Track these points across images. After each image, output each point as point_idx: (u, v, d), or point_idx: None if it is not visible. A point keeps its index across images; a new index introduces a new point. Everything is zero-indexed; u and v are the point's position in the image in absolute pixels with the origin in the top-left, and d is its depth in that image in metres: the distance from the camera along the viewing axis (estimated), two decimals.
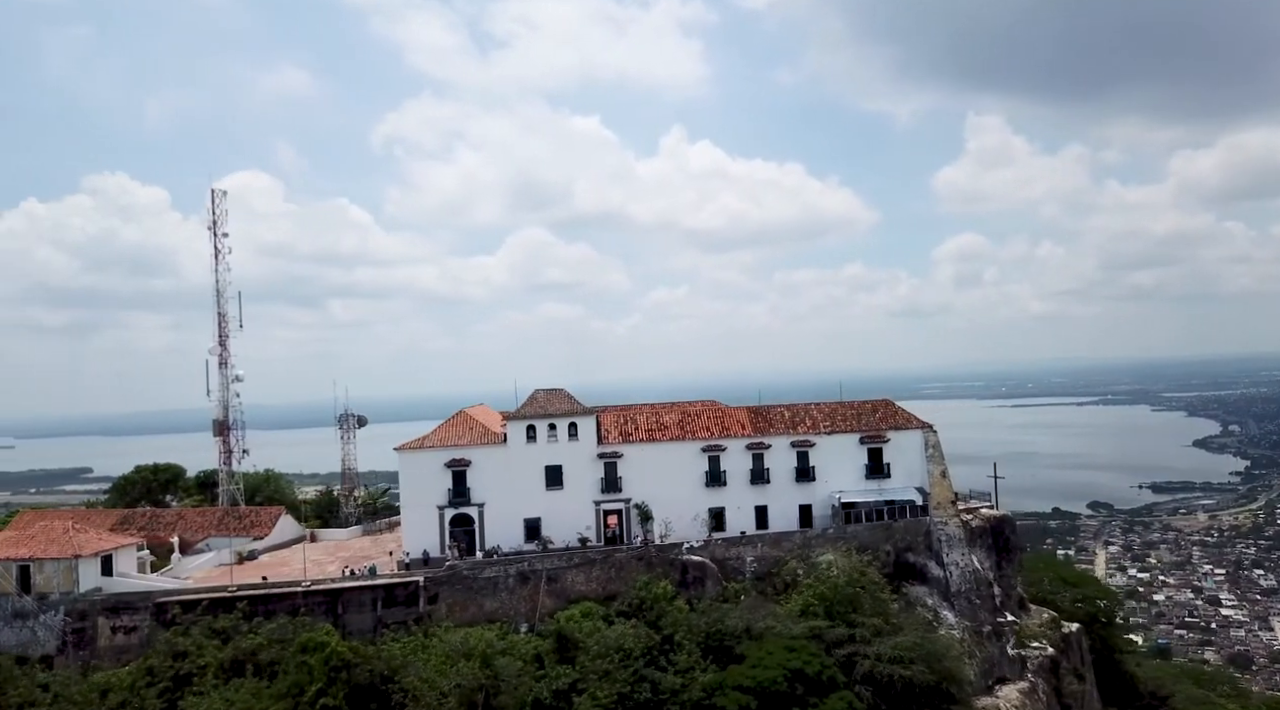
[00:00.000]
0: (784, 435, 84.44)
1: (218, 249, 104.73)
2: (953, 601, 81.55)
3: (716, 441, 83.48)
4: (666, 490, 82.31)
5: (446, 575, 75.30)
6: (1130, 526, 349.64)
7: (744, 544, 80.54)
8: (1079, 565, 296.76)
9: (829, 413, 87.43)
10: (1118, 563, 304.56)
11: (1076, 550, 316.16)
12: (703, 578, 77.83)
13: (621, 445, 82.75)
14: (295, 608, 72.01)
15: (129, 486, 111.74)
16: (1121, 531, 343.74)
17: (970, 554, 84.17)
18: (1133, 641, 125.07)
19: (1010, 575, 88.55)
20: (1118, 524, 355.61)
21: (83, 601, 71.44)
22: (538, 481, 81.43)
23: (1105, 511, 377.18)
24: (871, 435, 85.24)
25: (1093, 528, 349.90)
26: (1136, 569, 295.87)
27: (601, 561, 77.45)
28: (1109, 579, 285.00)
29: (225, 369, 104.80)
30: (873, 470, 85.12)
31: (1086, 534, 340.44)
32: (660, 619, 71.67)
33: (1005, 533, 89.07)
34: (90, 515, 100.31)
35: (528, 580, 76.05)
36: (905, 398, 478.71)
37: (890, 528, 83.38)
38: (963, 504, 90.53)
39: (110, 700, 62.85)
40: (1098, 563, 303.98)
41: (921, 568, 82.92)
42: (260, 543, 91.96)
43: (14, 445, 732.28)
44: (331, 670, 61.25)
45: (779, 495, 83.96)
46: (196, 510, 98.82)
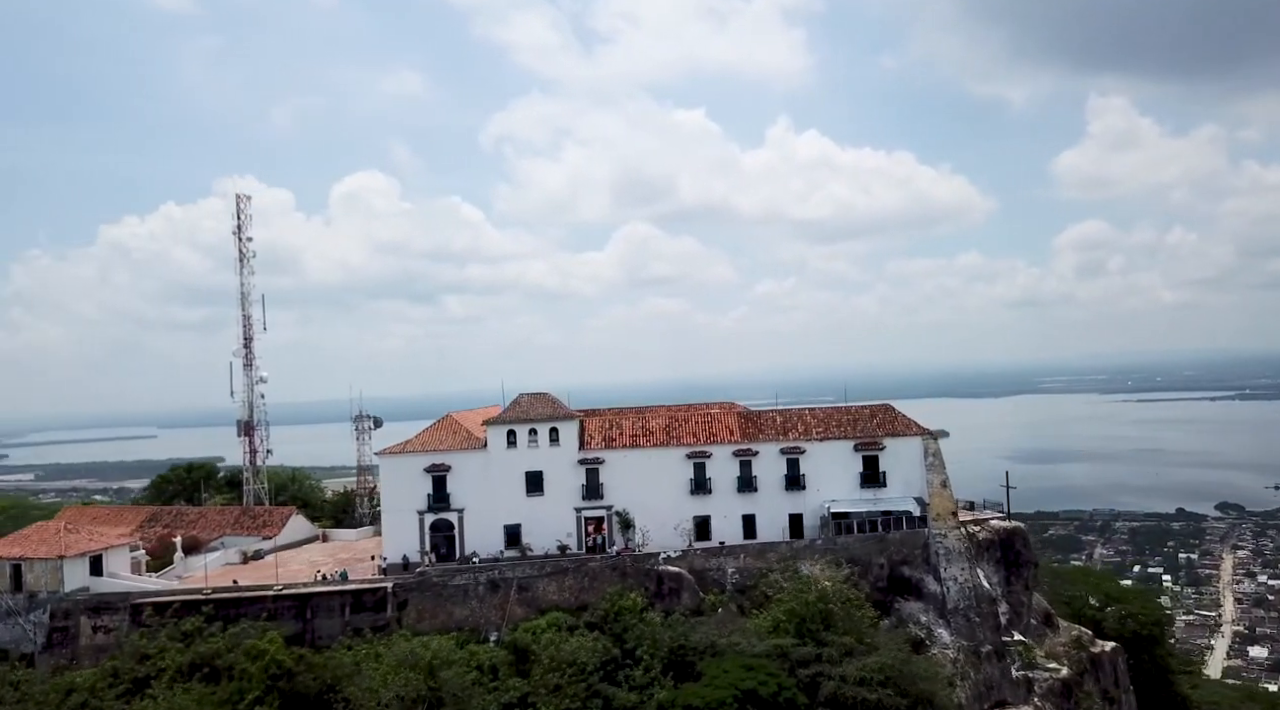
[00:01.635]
0: (773, 442, 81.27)
1: (242, 253, 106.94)
2: (949, 619, 77.16)
3: (702, 448, 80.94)
4: (650, 498, 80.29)
5: (416, 582, 74.99)
6: (1263, 530, 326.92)
7: (725, 555, 77.81)
8: (1202, 570, 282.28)
9: (823, 418, 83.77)
10: (1246, 568, 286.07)
11: (1201, 554, 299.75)
12: (679, 589, 75.55)
13: (604, 451, 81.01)
14: (266, 612, 72.85)
15: (165, 484, 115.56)
16: (1252, 535, 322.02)
17: (974, 569, 79.46)
18: (1190, 661, 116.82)
19: (1020, 591, 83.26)
20: (1248, 527, 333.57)
21: (67, 601, 73.70)
22: (518, 487, 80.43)
23: (1235, 513, 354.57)
24: (866, 442, 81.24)
25: (1220, 530, 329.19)
26: (1268, 576, 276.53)
27: (574, 571, 75.94)
28: (1236, 585, 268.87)
29: (250, 370, 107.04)
30: (868, 479, 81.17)
31: (1213, 537, 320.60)
32: (626, 632, 69.89)
33: (1016, 546, 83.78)
34: (123, 512, 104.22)
35: (498, 588, 75.11)
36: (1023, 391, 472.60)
37: (884, 540, 79.40)
38: (970, 514, 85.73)
39: (72, 700, 64.24)
40: (1223, 568, 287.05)
41: (918, 583, 78.73)
42: (269, 543, 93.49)
43: (156, 435, 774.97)
44: (271, 678, 61.52)
45: (767, 504, 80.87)
46: (216, 509, 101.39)
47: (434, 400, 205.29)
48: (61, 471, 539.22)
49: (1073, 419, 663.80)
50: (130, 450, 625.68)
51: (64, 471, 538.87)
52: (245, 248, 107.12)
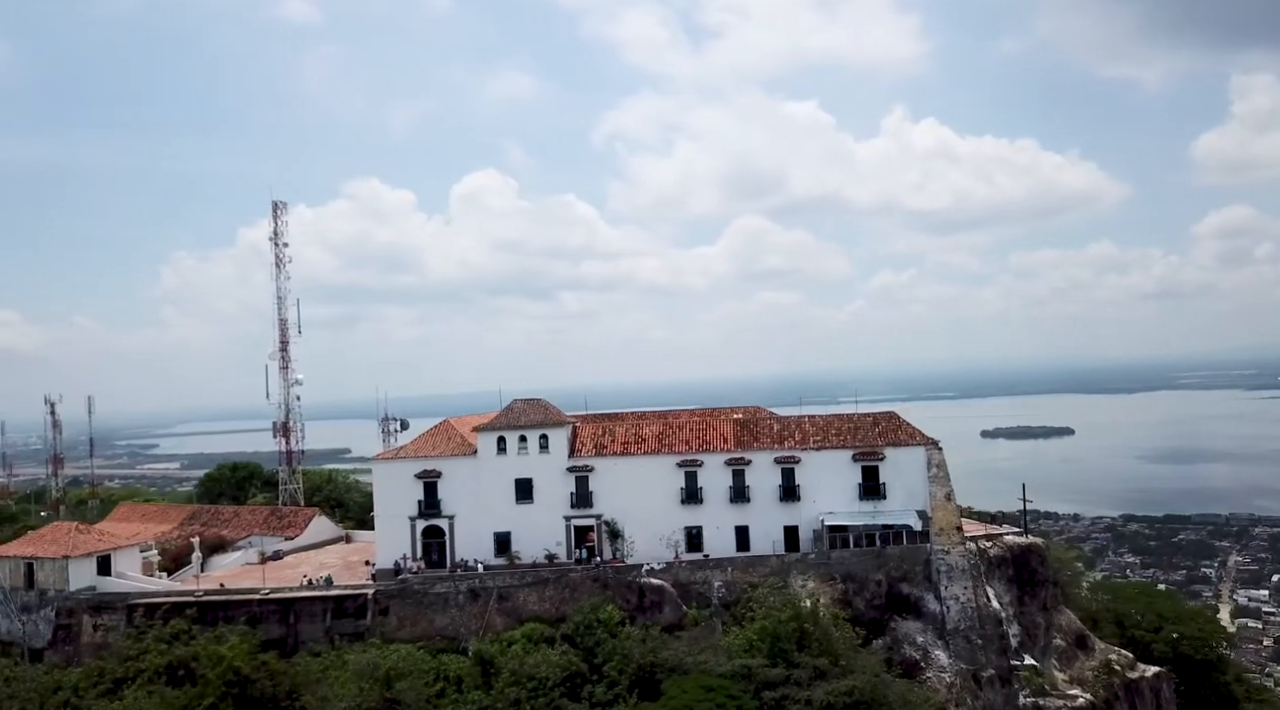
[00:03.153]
0: (767, 450, 78.25)
1: (278, 259, 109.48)
2: (949, 641, 72.91)
3: (693, 456, 78.56)
4: (641, 507, 78.44)
5: (398, 589, 75.17)
6: None
7: (711, 567, 75.37)
8: None
9: (822, 426, 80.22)
10: None
11: None
12: (660, 602, 73.63)
13: (594, 458, 79.54)
14: (252, 615, 74.14)
15: (212, 483, 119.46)
16: None
17: (979, 587, 74.86)
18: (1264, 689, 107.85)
19: (1035, 612, 78.06)
20: None
21: (71, 600, 76.59)
22: (507, 495, 79.67)
23: None
24: (866, 452, 77.40)
25: None
26: None
27: (555, 581, 74.82)
28: None
29: (286, 372, 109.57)
30: (867, 491, 77.31)
31: None
32: (598, 646, 68.47)
33: (1031, 564, 78.58)
34: (169, 510, 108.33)
35: (478, 597, 74.63)
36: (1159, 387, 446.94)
37: (882, 555, 75.54)
38: (981, 529, 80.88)
39: (56, 698, 66.71)
40: None
41: (917, 601, 74.70)
42: (290, 543, 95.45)
43: None
44: (227, 685, 62.35)
45: (761, 515, 77.94)
46: (249, 509, 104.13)
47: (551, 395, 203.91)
48: (203, 461, 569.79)
49: (1212, 417, 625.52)
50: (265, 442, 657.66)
51: (205, 461, 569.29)
52: (281, 254, 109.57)
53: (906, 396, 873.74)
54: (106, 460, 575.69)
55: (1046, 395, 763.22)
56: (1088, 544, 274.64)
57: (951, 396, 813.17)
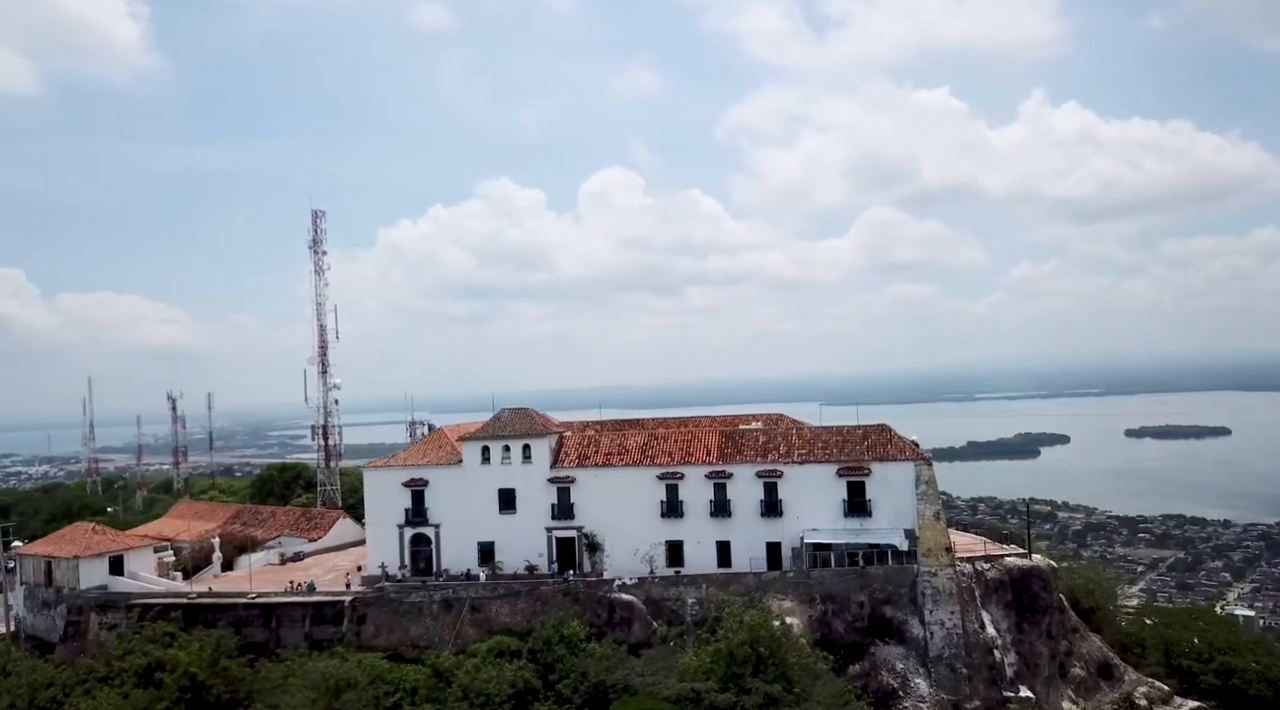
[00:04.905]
0: (749, 464, 75.41)
1: (318, 267, 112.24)
2: (930, 668, 68.74)
3: (674, 468, 76.43)
4: (622, 520, 76.95)
5: (375, 597, 75.84)
6: None
7: (685, 584, 73.17)
8: None
9: (809, 439, 76.67)
10: None
11: None
12: (630, 619, 71.98)
13: (576, 469, 78.34)
14: (238, 618, 76.16)
15: (263, 483, 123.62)
16: None
17: (969, 612, 70.28)
18: None
19: (1035, 639, 72.69)
20: None
21: (80, 598, 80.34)
22: (491, 505, 79.38)
23: None
24: (851, 467, 73.61)
25: None
26: None
27: (527, 593, 74.09)
28: None
29: (325, 376, 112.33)
30: (853, 507, 73.54)
31: None
32: (558, 662, 67.51)
33: (1033, 588, 73.15)
34: (217, 509, 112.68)
35: (451, 607, 74.59)
36: None
37: (865, 575, 71.80)
38: (979, 550, 75.83)
39: (46, 694, 69.97)
40: None
41: (900, 625, 70.72)
42: (313, 545, 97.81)
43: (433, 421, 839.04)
44: (182, 689, 64.12)
45: (743, 531, 75.24)
46: (285, 509, 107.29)
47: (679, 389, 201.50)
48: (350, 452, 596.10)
49: None
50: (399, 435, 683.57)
51: (351, 452, 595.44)
52: (319, 262, 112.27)
53: (1047, 393, 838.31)
54: (260, 449, 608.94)
55: (1202, 393, 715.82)
56: (1237, 553, 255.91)
57: (1096, 393, 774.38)
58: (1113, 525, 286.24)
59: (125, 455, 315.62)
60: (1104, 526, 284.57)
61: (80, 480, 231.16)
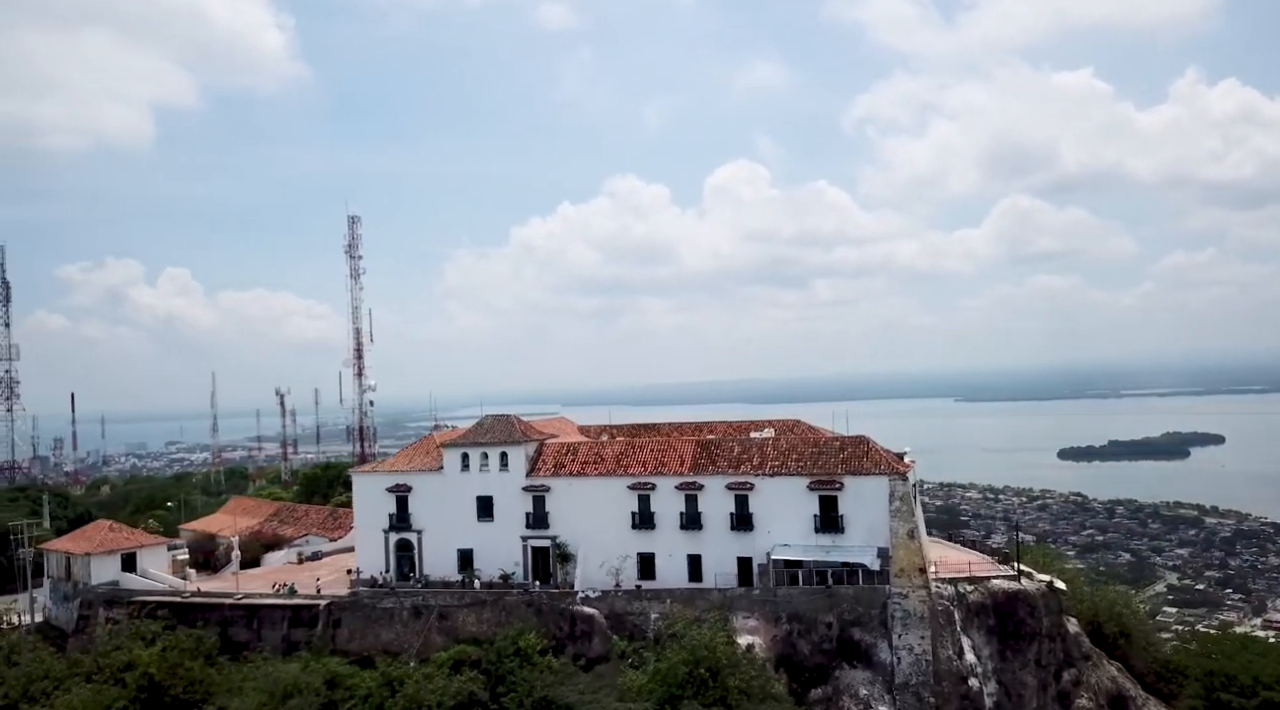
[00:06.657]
0: (720, 475, 72.59)
1: (353, 271, 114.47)
2: (896, 696, 64.72)
3: (646, 478, 74.31)
4: (594, 530, 75.36)
5: (349, 601, 76.56)
6: None
7: (649, 598, 71.06)
8: None
9: (784, 450, 73.20)
10: None
11: None
12: (590, 632, 70.43)
13: (550, 478, 77.13)
14: (225, 618, 78.16)
15: (309, 482, 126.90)
16: None
17: (944, 637, 65.83)
18: None
19: (1019, 669, 67.43)
20: None
21: (90, 593, 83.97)
22: (469, 512, 78.98)
23: None
24: (822, 481, 69.90)
25: None
26: None
27: (493, 603, 73.43)
28: None
29: (360, 379, 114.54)
30: (825, 523, 69.87)
31: None
32: (510, 675, 66.64)
33: (1019, 614, 67.87)
34: (261, 506, 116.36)
35: (421, 615, 74.60)
36: None
37: (834, 594, 68.16)
38: (962, 570, 70.79)
39: (38, 686, 73.17)
40: None
41: (869, 648, 66.89)
42: (332, 545, 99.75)
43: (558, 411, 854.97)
44: (139, 688, 66.00)
45: (714, 545, 72.55)
46: (316, 508, 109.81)
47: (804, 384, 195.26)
48: None
49: None
50: None
51: None
52: (355, 267, 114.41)
53: (1203, 389, 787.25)
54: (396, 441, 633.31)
55: None
56: None
57: (1260, 390, 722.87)
58: (1267, 532, 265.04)
59: (272, 443, 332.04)
60: (1257, 534, 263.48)
61: (207, 470, 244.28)
